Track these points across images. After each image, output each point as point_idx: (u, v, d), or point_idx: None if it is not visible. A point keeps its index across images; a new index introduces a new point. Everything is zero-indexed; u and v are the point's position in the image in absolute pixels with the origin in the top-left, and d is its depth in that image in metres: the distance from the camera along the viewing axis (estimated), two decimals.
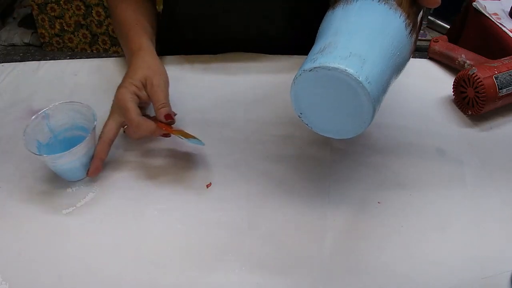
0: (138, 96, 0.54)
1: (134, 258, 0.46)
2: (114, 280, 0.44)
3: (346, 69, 0.38)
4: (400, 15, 0.44)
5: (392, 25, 0.43)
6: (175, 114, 0.55)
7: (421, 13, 0.49)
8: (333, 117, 0.42)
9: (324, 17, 0.47)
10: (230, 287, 0.44)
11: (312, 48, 0.43)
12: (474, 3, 1.10)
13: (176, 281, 0.44)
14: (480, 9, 1.08)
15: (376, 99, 0.39)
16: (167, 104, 0.53)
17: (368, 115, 0.40)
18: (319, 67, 0.39)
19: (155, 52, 0.59)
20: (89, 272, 0.45)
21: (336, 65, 0.38)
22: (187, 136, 0.53)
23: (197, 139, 0.52)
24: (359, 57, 0.39)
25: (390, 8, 0.44)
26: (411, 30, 0.45)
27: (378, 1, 0.44)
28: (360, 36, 0.41)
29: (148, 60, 0.57)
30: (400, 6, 0.45)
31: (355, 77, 0.38)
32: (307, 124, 0.44)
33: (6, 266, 0.45)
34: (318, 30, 0.47)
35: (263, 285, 0.44)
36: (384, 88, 0.41)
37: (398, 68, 0.44)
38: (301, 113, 0.43)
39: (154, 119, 0.53)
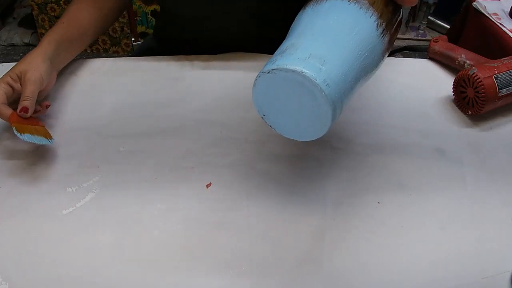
0: (12, 87, 0.57)
1: (134, 258, 0.46)
2: (114, 280, 0.44)
3: (303, 71, 0.37)
4: (372, 14, 0.43)
5: (361, 25, 0.42)
6: (47, 106, 0.59)
7: (400, 12, 0.48)
8: (295, 118, 0.41)
9: (295, 18, 0.46)
10: (230, 287, 0.44)
11: (277, 49, 0.42)
12: (474, 3, 1.10)
13: (175, 281, 0.44)
14: (480, 9, 1.08)
15: (336, 101, 0.39)
16: (29, 98, 0.55)
17: (327, 118, 0.39)
18: (277, 69, 0.38)
19: (47, 51, 0.61)
20: (89, 272, 0.45)
21: (293, 67, 0.37)
22: (36, 132, 0.54)
23: (47, 138, 0.54)
24: (319, 58, 0.38)
25: (361, 8, 0.43)
26: (383, 30, 0.44)
27: (349, 1, 0.43)
28: (323, 37, 0.40)
29: (33, 56, 0.59)
30: (372, 5, 0.44)
31: (312, 80, 0.37)
32: (270, 126, 0.43)
33: (6, 266, 0.45)
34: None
35: (263, 285, 0.44)
36: (347, 90, 0.40)
37: (366, 69, 0.43)
38: (264, 115, 0.43)
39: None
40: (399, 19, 0.48)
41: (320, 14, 0.43)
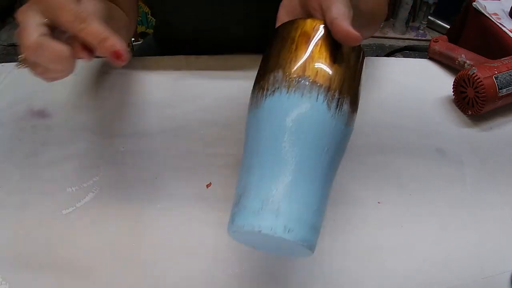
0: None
1: (134, 258, 0.46)
2: (114, 280, 0.44)
3: (260, 229, 0.34)
4: (318, 94, 0.36)
5: (309, 120, 0.36)
6: None
7: (360, 59, 0.40)
8: (281, 250, 0.38)
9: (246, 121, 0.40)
10: (230, 287, 0.44)
11: (237, 183, 0.38)
12: (474, 3, 1.11)
13: (175, 280, 0.44)
14: (480, 9, 1.08)
15: (307, 233, 0.35)
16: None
17: (306, 252, 0.36)
18: (237, 231, 0.35)
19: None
20: (89, 272, 0.45)
21: (249, 228, 0.34)
22: None
23: None
24: (272, 203, 0.34)
25: (303, 95, 0.36)
26: (337, 102, 0.37)
27: (287, 93, 0.37)
28: (271, 164, 0.36)
29: None
30: (316, 76, 0.37)
31: (271, 234, 0.34)
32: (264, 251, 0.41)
33: (6, 266, 0.45)
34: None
35: (263, 285, 0.44)
36: (317, 208, 0.36)
37: (335, 159, 0.37)
38: (253, 246, 0.40)
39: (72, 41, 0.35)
40: (359, 60, 0.40)
41: (262, 124, 0.38)
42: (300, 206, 0.35)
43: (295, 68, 0.38)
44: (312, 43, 0.39)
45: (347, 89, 0.38)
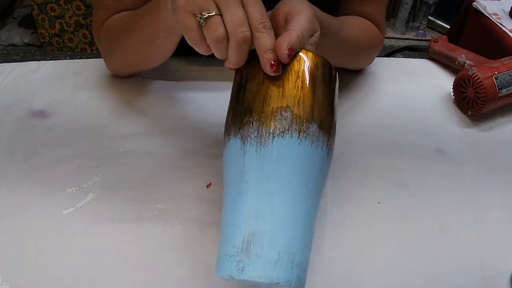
0: None
1: (133, 259, 0.46)
2: (114, 280, 0.44)
3: (278, 281, 0.33)
4: (323, 143, 0.37)
5: (315, 170, 0.36)
6: None
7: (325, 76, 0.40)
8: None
9: (230, 155, 0.38)
10: (230, 287, 0.44)
11: (227, 222, 0.36)
12: (474, 3, 1.11)
13: (175, 281, 0.44)
14: (480, 9, 1.08)
15: (304, 274, 0.35)
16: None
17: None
18: (250, 280, 0.33)
19: None
20: (89, 272, 0.45)
21: (267, 280, 0.33)
22: None
23: None
24: (289, 253, 0.33)
25: (312, 143, 0.36)
26: (327, 146, 0.38)
27: (298, 138, 0.36)
28: (287, 216, 0.35)
29: None
30: (320, 127, 0.37)
31: (287, 286, 0.34)
32: None
33: (6, 266, 0.45)
34: (224, 172, 0.38)
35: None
36: (310, 248, 0.36)
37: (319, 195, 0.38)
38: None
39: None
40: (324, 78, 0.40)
41: (270, 165, 0.35)
42: (308, 254, 0.36)
43: (302, 109, 0.37)
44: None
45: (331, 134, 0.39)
